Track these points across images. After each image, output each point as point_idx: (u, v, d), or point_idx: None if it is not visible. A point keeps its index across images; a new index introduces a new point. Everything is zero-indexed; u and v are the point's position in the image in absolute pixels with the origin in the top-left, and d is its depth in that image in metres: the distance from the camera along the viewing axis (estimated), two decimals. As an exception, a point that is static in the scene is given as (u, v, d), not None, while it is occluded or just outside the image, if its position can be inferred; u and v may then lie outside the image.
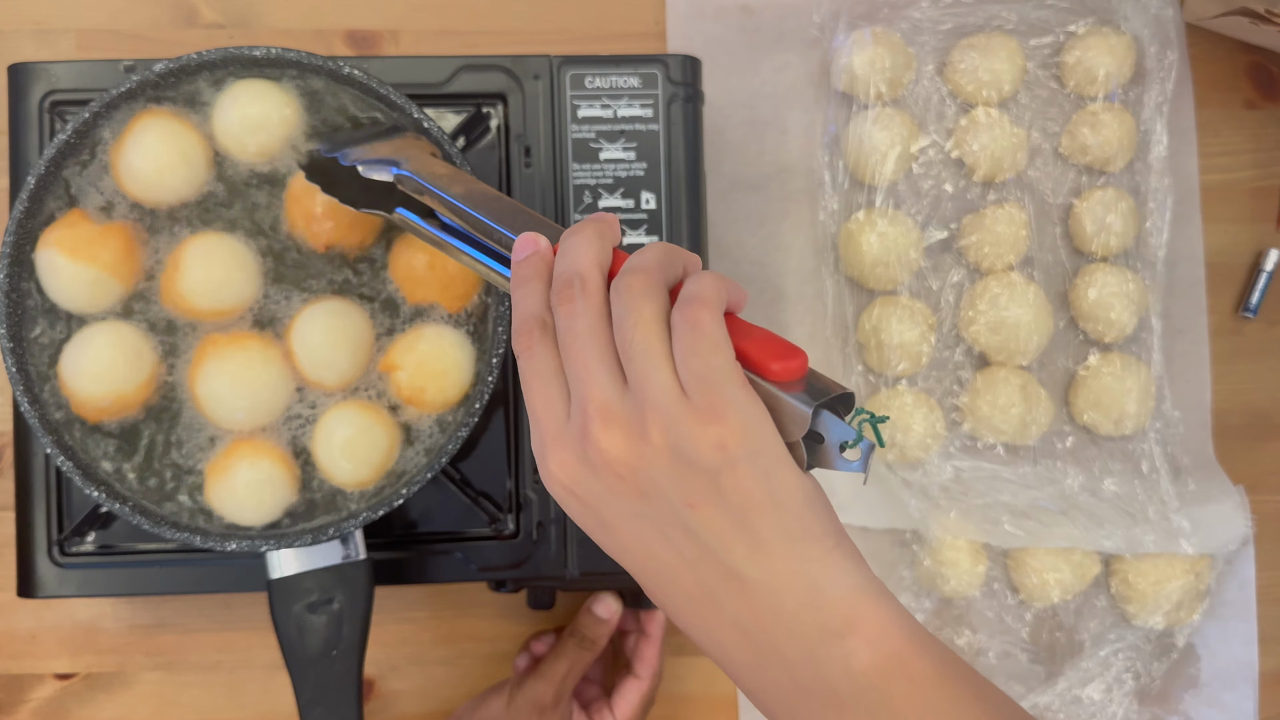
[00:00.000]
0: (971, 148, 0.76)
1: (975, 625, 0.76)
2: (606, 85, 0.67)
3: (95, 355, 0.59)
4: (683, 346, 0.42)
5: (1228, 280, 0.81)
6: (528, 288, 0.46)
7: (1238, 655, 0.78)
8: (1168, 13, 0.79)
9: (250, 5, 0.77)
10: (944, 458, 0.75)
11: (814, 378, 0.43)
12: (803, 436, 0.42)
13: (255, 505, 0.59)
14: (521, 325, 0.45)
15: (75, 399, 0.59)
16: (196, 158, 0.60)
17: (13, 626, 0.74)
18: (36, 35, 0.76)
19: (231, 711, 0.74)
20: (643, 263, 0.44)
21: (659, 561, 0.43)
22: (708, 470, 0.41)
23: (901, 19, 0.78)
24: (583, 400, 0.43)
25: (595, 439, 0.42)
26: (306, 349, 0.59)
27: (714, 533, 0.42)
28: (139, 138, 0.60)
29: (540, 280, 0.46)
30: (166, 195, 0.60)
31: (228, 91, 0.61)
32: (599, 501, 0.43)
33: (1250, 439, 0.80)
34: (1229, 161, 0.81)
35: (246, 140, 0.60)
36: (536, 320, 0.45)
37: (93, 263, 0.59)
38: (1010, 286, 0.75)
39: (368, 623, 0.60)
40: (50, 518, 0.65)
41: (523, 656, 0.72)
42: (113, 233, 0.60)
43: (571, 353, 0.44)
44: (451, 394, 0.60)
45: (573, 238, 0.46)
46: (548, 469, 0.44)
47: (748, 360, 0.43)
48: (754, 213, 0.78)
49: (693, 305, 0.42)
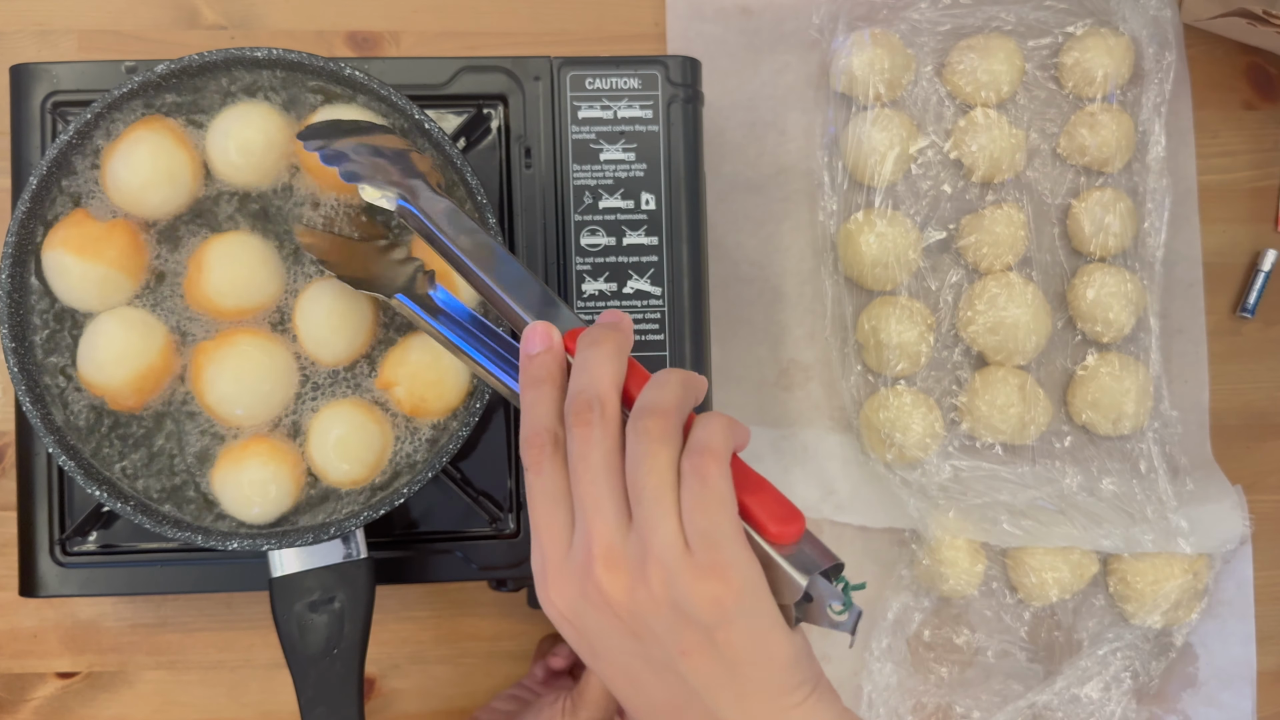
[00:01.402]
0: (970, 148, 0.76)
1: (974, 624, 0.77)
2: (607, 86, 0.67)
3: (109, 341, 0.59)
4: (690, 499, 0.43)
5: (1225, 280, 0.81)
6: (539, 391, 0.47)
7: (1236, 654, 0.78)
8: (1166, 14, 0.79)
9: (252, 6, 0.77)
10: (943, 457, 0.76)
11: (808, 541, 0.44)
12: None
13: (261, 502, 0.59)
14: (533, 436, 0.46)
15: (97, 389, 0.59)
16: (183, 174, 0.60)
17: (15, 625, 0.74)
18: (38, 36, 0.76)
19: (233, 710, 0.74)
20: (662, 404, 0.45)
21: (644, 694, 0.45)
22: (703, 624, 0.43)
23: (900, 20, 0.78)
24: (588, 535, 0.44)
25: (597, 579, 0.43)
26: (310, 327, 0.60)
27: (703, 680, 0.43)
28: (129, 151, 0.60)
29: (553, 384, 0.47)
30: (149, 211, 0.60)
31: (222, 115, 0.61)
32: (594, 634, 0.45)
33: (1248, 439, 0.81)
34: (1227, 162, 0.82)
35: (241, 164, 0.61)
36: (549, 433, 0.45)
37: (100, 260, 0.59)
38: (1008, 287, 0.75)
39: (369, 621, 0.60)
40: (52, 517, 0.65)
41: (539, 666, 0.72)
42: (117, 229, 0.60)
43: (584, 482, 0.44)
44: (452, 399, 0.60)
45: (592, 351, 0.46)
46: (548, 595, 0.45)
47: (749, 516, 0.44)
48: (753, 213, 0.78)
49: (702, 456, 0.43)
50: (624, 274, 0.67)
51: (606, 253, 0.67)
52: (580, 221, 0.67)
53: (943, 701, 0.76)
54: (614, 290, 0.66)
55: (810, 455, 0.77)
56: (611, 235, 0.67)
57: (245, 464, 0.59)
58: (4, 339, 0.59)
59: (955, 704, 0.76)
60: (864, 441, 0.76)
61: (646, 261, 0.67)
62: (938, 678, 0.77)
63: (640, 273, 0.67)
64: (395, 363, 0.60)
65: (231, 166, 0.61)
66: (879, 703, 0.75)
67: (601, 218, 0.67)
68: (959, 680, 0.77)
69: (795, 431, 0.77)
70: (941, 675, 0.77)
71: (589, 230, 0.67)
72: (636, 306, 0.67)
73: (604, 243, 0.67)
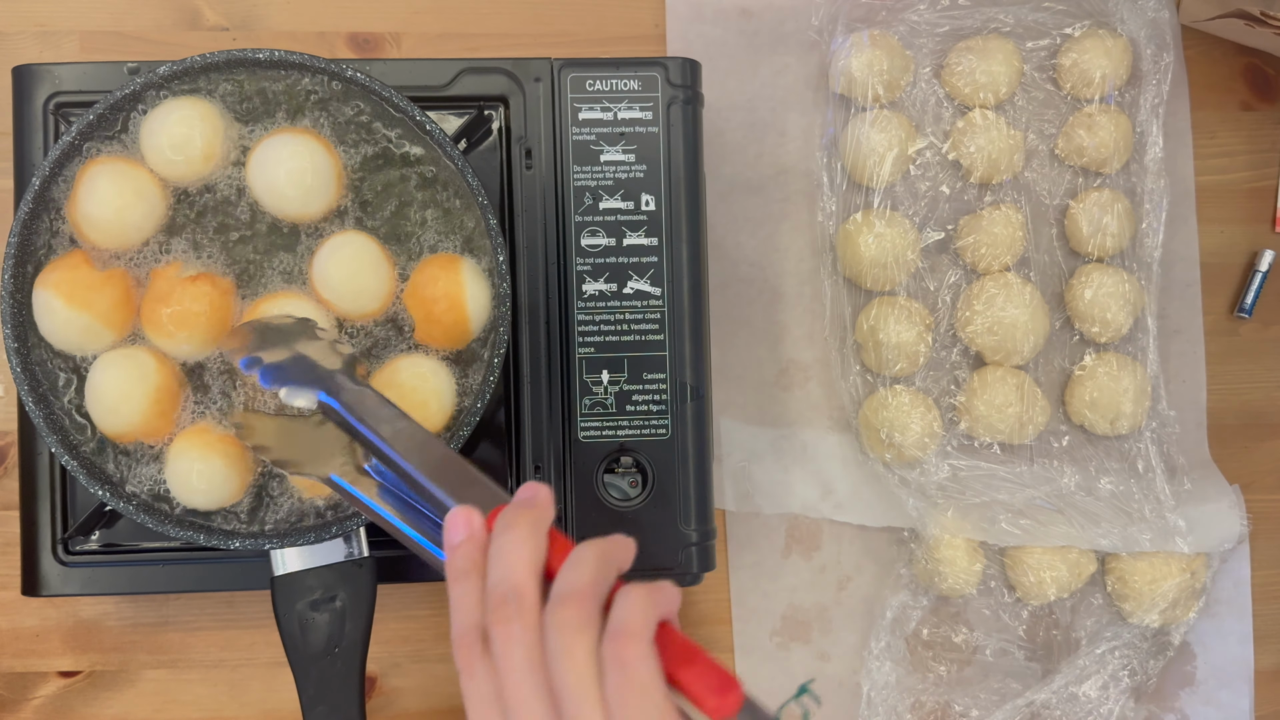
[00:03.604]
0: (968, 149, 0.77)
1: (972, 623, 0.77)
2: (607, 88, 0.67)
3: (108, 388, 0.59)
4: (613, 691, 0.42)
5: (1223, 281, 0.81)
6: (463, 586, 0.45)
7: (1233, 653, 0.78)
8: (1164, 15, 0.79)
9: (253, 8, 0.77)
10: (941, 457, 0.76)
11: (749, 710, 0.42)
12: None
13: (205, 491, 0.59)
14: (461, 637, 0.45)
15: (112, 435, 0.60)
16: (151, 193, 0.60)
17: (17, 624, 0.74)
18: (40, 37, 0.76)
19: (234, 709, 0.75)
20: (576, 587, 0.43)
21: None
22: None
23: (899, 22, 0.78)
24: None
25: None
26: (329, 283, 0.60)
27: None
28: (90, 186, 0.59)
29: (476, 575, 0.45)
30: (132, 235, 0.60)
31: (149, 115, 0.61)
32: None
33: (1245, 438, 0.81)
34: (1224, 163, 0.82)
35: (175, 159, 0.60)
36: (476, 631, 0.44)
37: (88, 310, 0.59)
38: (1007, 287, 0.75)
39: (370, 620, 0.60)
40: (55, 516, 0.65)
41: None
42: (113, 280, 0.60)
43: (509, 685, 0.43)
44: (438, 420, 0.61)
45: (506, 537, 0.45)
46: None
47: (684, 690, 0.42)
48: (753, 214, 0.78)
49: (621, 641, 0.42)
50: (624, 274, 0.67)
51: (606, 253, 0.67)
52: (580, 222, 0.67)
53: (941, 700, 0.76)
54: (614, 291, 0.67)
55: (809, 455, 0.77)
56: (611, 236, 0.67)
57: (186, 453, 0.59)
58: (7, 339, 0.59)
59: (954, 702, 0.76)
60: (863, 441, 0.77)
61: (646, 262, 0.67)
62: (936, 676, 0.77)
63: (640, 273, 0.67)
64: (382, 386, 0.60)
65: (168, 163, 0.60)
66: (877, 701, 0.75)
67: (602, 218, 0.67)
68: (957, 679, 0.77)
69: (794, 431, 0.77)
70: (940, 674, 0.77)
71: (589, 231, 0.67)
72: (636, 307, 0.67)
73: (604, 243, 0.67)
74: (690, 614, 0.77)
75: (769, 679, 0.76)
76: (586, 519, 0.66)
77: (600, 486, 0.66)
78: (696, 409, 0.67)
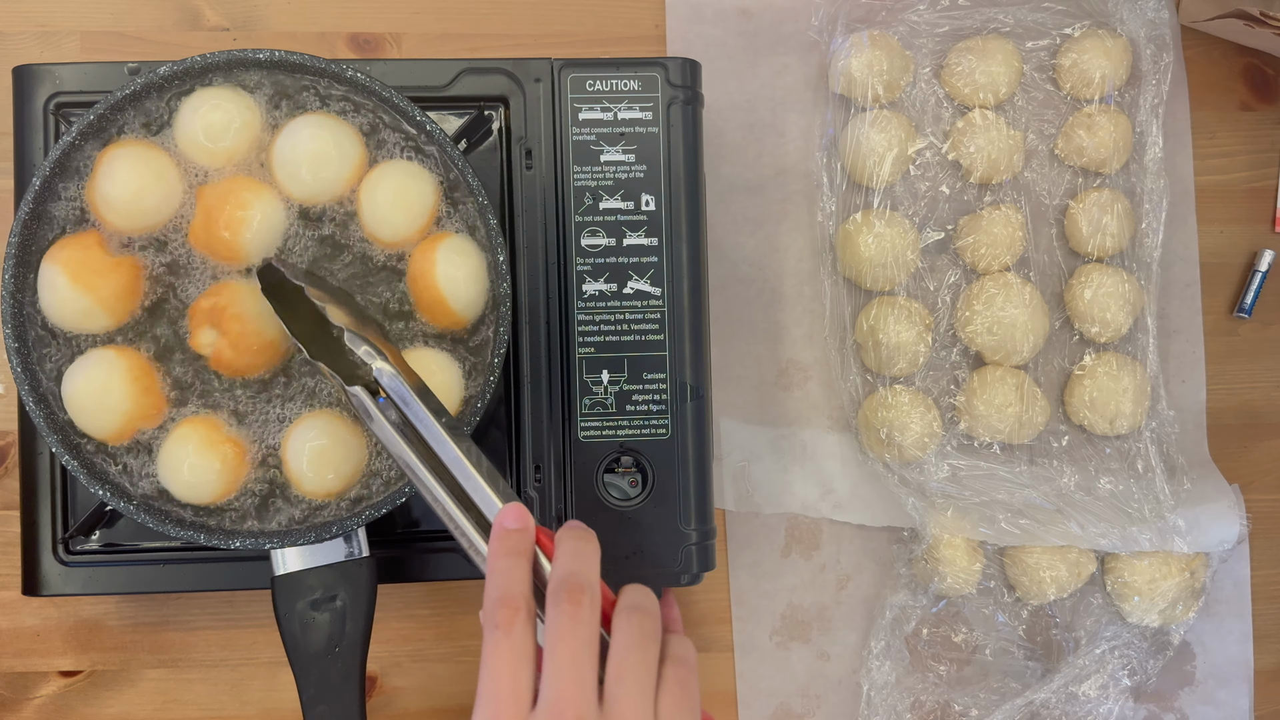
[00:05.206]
0: (968, 150, 0.77)
1: (971, 623, 0.77)
2: (607, 88, 0.67)
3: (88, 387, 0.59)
4: (669, 704, 0.48)
5: (1222, 281, 0.81)
6: (512, 562, 0.50)
7: (1233, 653, 0.78)
8: (1163, 15, 0.79)
9: (254, 8, 0.77)
10: (941, 456, 0.76)
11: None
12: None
13: (198, 485, 0.59)
14: (505, 599, 0.49)
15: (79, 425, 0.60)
16: (171, 176, 0.60)
17: (18, 624, 0.74)
18: (40, 37, 0.76)
19: (235, 708, 0.75)
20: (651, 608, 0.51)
21: None
22: None
23: (899, 22, 0.78)
24: (560, 700, 0.46)
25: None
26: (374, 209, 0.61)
27: None
28: (109, 168, 0.60)
29: (526, 559, 0.50)
30: (149, 219, 0.60)
31: (187, 102, 0.61)
32: None
33: (1245, 438, 0.81)
34: (1224, 163, 0.82)
35: (213, 149, 0.60)
36: (523, 599, 0.49)
37: (90, 293, 0.59)
38: (1006, 287, 0.75)
39: (370, 620, 0.60)
40: (55, 516, 0.66)
41: None
42: (122, 267, 0.60)
43: (568, 652, 0.47)
44: None
45: (583, 544, 0.51)
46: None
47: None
48: (752, 214, 0.78)
49: (686, 668, 0.50)
50: (624, 274, 0.67)
51: (606, 253, 0.67)
52: (580, 222, 0.67)
53: (941, 699, 0.76)
54: (614, 290, 0.67)
55: (809, 455, 0.77)
56: (611, 236, 0.67)
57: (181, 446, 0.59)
58: (7, 339, 0.59)
59: (953, 702, 0.76)
60: (862, 441, 0.77)
61: (646, 262, 0.67)
62: (936, 676, 0.77)
63: (640, 273, 0.67)
64: None
65: (202, 151, 0.60)
66: (877, 701, 0.76)
67: (602, 219, 0.67)
68: (957, 678, 0.77)
69: (794, 431, 0.77)
70: (939, 673, 0.77)
71: (589, 231, 0.67)
72: (636, 307, 0.67)
73: (604, 243, 0.67)
74: (690, 613, 0.77)
75: (768, 678, 0.76)
76: (586, 519, 0.66)
77: (600, 486, 0.66)
78: (696, 409, 0.67)
